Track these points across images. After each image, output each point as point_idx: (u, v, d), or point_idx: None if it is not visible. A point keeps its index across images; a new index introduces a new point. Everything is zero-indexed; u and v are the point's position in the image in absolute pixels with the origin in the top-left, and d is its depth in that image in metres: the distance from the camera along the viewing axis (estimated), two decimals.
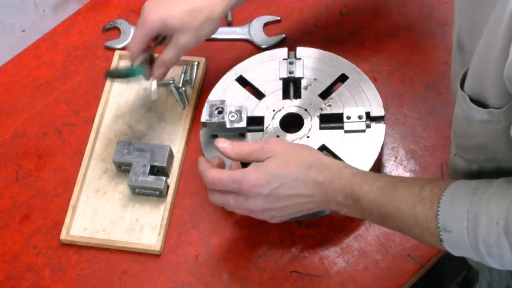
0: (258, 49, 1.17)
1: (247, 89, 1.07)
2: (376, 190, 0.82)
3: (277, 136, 1.01)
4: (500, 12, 0.62)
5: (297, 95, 1.05)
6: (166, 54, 1.01)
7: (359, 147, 0.99)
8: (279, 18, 1.20)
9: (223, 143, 0.89)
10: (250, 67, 1.08)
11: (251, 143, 0.90)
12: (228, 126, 1.00)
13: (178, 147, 1.09)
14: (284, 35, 1.18)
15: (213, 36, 1.17)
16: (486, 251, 0.73)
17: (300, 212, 0.89)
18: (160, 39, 1.03)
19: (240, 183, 0.85)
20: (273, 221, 0.91)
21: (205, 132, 1.02)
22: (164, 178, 1.03)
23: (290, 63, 1.06)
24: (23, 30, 1.20)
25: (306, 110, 1.03)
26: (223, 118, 0.99)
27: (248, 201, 0.87)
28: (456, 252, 0.78)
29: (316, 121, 1.02)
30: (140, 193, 1.05)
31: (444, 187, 0.78)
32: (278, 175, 0.85)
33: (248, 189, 0.85)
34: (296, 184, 0.85)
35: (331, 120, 1.02)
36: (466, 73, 0.71)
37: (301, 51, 1.08)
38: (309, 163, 0.86)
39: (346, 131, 1.00)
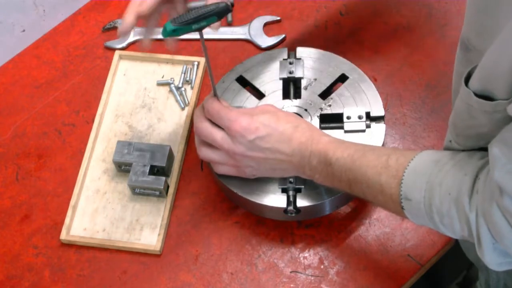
0: (258, 49, 1.17)
1: (247, 89, 1.07)
2: (347, 157, 0.87)
3: None
4: None
5: (297, 95, 1.05)
6: None
7: None
8: (279, 18, 1.20)
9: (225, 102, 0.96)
10: (250, 67, 1.08)
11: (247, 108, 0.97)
12: None
13: (178, 147, 1.09)
14: (284, 35, 1.18)
15: (213, 36, 1.17)
16: (439, 220, 0.77)
17: (276, 170, 0.94)
18: None
19: (232, 122, 0.91)
20: (247, 173, 0.95)
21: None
22: (164, 178, 1.03)
23: (290, 63, 1.06)
24: (23, 30, 1.20)
25: (306, 110, 1.03)
26: None
27: (233, 142, 0.92)
28: (416, 221, 0.82)
29: (316, 121, 1.02)
30: (140, 193, 1.05)
31: (410, 157, 0.82)
32: (267, 126, 0.91)
33: (237, 130, 0.91)
34: (281, 139, 0.91)
35: (331, 120, 1.02)
36: (471, 71, 0.72)
37: (301, 51, 1.08)
38: (297, 123, 0.93)
39: (346, 131, 1.00)
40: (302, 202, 0.96)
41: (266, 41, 1.18)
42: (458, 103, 0.75)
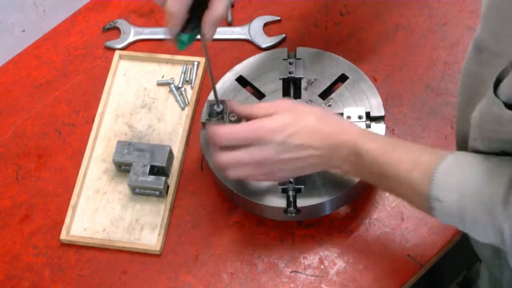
0: (258, 49, 1.17)
1: (247, 89, 1.07)
2: (378, 149, 0.85)
3: None
4: None
5: (297, 95, 1.05)
6: (216, 9, 0.85)
7: None
8: (279, 18, 1.20)
9: (236, 105, 0.95)
10: (250, 67, 1.08)
11: (261, 103, 0.94)
12: None
13: (178, 147, 1.09)
14: (284, 35, 1.18)
15: (213, 36, 1.17)
16: (470, 225, 0.76)
17: (308, 167, 0.91)
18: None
19: (256, 130, 0.89)
20: (279, 176, 0.92)
21: (205, 132, 1.02)
22: (164, 178, 1.03)
23: (290, 63, 1.06)
24: (23, 30, 1.20)
25: None
26: (222, 118, 0.99)
27: (262, 149, 0.89)
28: (444, 221, 0.81)
29: None
30: (140, 193, 1.05)
31: (443, 156, 0.80)
32: (291, 124, 0.88)
33: (264, 135, 0.88)
34: (308, 134, 0.88)
35: None
36: (499, 78, 0.70)
37: (301, 51, 1.08)
38: (320, 114, 0.90)
39: None
40: (302, 202, 0.96)
41: (266, 41, 1.18)
42: (485, 110, 0.74)
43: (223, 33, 1.19)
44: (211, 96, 1.05)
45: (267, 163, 0.90)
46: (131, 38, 1.20)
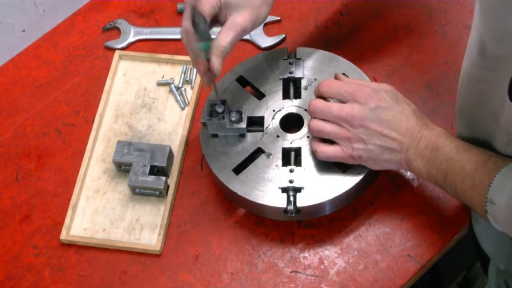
0: (258, 49, 1.17)
1: (247, 89, 1.07)
2: (454, 147, 0.88)
3: (277, 136, 1.01)
4: None
5: (297, 95, 1.05)
6: (223, 38, 0.92)
7: None
8: (279, 18, 1.20)
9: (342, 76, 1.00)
10: (250, 67, 1.08)
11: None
12: (228, 126, 1.00)
13: (178, 147, 1.09)
14: (284, 35, 1.18)
15: (213, 35, 1.17)
16: None
17: (383, 153, 0.92)
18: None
19: (357, 89, 0.93)
20: (356, 147, 0.93)
21: (205, 132, 1.02)
22: (164, 178, 1.03)
23: (290, 63, 1.06)
24: (23, 30, 1.20)
25: (306, 110, 1.03)
26: (223, 118, 0.99)
27: (352, 107, 0.92)
28: (497, 225, 0.81)
29: None
30: (140, 193, 1.05)
31: (508, 162, 0.81)
32: (388, 100, 0.92)
33: (361, 94, 0.92)
34: (398, 117, 0.92)
35: None
36: None
37: (301, 51, 1.08)
38: (415, 110, 0.94)
39: None
40: (302, 202, 0.96)
41: (266, 41, 1.18)
42: (508, 116, 0.75)
43: None
44: (211, 96, 1.05)
45: (352, 124, 0.92)
46: (131, 38, 1.20)
